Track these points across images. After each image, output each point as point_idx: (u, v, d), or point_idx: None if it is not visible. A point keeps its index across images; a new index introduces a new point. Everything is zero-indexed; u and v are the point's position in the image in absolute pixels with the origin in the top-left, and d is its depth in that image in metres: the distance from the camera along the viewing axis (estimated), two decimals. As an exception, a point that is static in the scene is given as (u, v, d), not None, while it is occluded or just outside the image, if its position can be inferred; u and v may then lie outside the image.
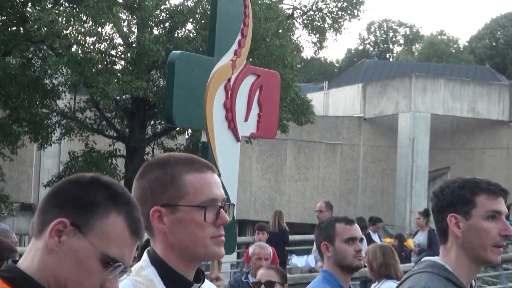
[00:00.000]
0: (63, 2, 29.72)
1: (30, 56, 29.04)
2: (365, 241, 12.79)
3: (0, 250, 6.79)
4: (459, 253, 4.99)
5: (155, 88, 30.64)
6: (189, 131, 31.75)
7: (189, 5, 31.54)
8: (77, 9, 29.06)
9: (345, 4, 32.70)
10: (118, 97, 30.06)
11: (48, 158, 34.98)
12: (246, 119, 16.00)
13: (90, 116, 31.85)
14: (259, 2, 30.37)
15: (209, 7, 30.88)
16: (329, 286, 7.33)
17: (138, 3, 29.03)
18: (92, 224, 2.97)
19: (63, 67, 29.02)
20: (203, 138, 16.12)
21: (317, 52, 36.25)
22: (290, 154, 47.27)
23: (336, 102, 61.14)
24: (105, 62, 30.29)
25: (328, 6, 32.75)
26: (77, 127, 31.62)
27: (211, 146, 16.08)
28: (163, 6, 30.93)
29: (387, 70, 71.62)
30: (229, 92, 15.94)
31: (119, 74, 29.37)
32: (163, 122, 31.78)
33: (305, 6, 32.90)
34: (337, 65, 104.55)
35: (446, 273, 4.95)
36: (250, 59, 28.86)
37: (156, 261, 3.45)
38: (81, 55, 28.90)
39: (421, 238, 21.49)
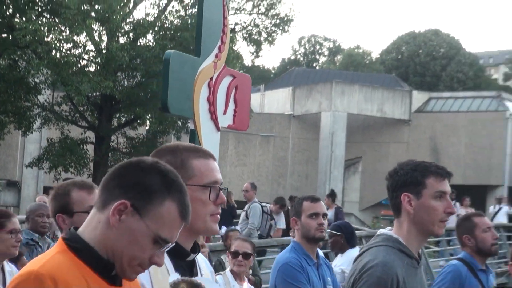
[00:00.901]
0: (45, 14, 29.51)
1: (16, 58, 28.85)
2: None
3: None
4: (410, 227, 4.98)
5: (120, 87, 30.43)
6: (147, 123, 31.76)
7: (149, 20, 31.35)
8: (57, 20, 28.91)
9: (278, 21, 32.58)
10: (89, 94, 29.73)
11: (31, 143, 34.79)
12: (224, 113, 16.26)
13: (66, 109, 31.56)
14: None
15: (165, 21, 31.31)
16: (295, 254, 7.24)
17: (107, 16, 28.88)
18: (149, 209, 3.00)
19: (43, 68, 28.84)
20: (191, 126, 16.32)
21: (254, 60, 36.17)
22: (231, 144, 47.26)
23: (270, 101, 61.34)
24: (79, 65, 30.05)
25: (263, 22, 32.74)
26: (54, 118, 31.28)
27: (198, 133, 16.33)
28: (128, 20, 30.74)
29: (313, 76, 71.33)
30: (212, 89, 16.16)
31: (90, 75, 29.22)
32: (126, 115, 31.75)
33: (244, 22, 32.76)
34: (272, 71, 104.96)
35: (399, 245, 4.96)
36: None
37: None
38: (59, 58, 28.82)
39: (330, 214, 21.75)
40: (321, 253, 8.00)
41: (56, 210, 5.47)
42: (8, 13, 29.04)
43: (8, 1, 29.19)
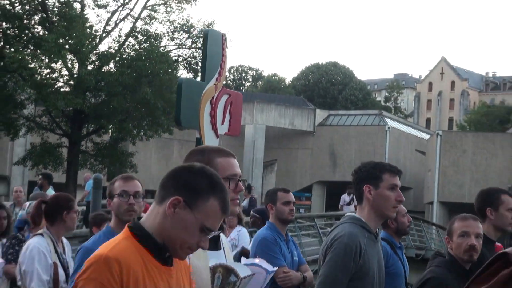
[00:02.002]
0: (29, 46, 29.22)
1: (6, 80, 28.43)
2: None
3: (60, 202, 6.37)
4: (370, 211, 5.08)
5: (88, 103, 30.02)
6: (110, 132, 31.64)
7: (111, 51, 31.18)
8: (38, 51, 28.51)
9: None
10: (64, 109, 29.31)
11: (18, 146, 34.19)
12: (222, 123, 16.56)
13: (45, 120, 31.02)
14: (156, 51, 30.24)
15: (124, 53, 31.06)
16: (271, 232, 7.27)
17: (78, 49, 28.60)
18: (197, 204, 3.06)
19: (27, 88, 28.64)
20: (197, 135, 16.58)
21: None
22: (176, 149, 46.66)
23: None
24: (55, 86, 29.75)
25: (200, 55, 32.40)
26: (36, 127, 30.89)
27: (202, 140, 16.55)
28: (94, 51, 30.56)
29: (245, 96, 71.66)
30: (213, 105, 16.47)
31: (64, 94, 28.93)
32: (93, 125, 31.28)
33: (185, 55, 32.73)
34: None
35: (362, 223, 5.07)
36: (147, 88, 29.09)
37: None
38: (40, 81, 28.57)
39: (245, 202, 21.69)
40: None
41: (107, 195, 5.50)
42: (0, 44, 28.83)
43: (1, 35, 29.04)
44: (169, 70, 30.86)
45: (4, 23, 29.25)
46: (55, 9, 29.91)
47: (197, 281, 3.57)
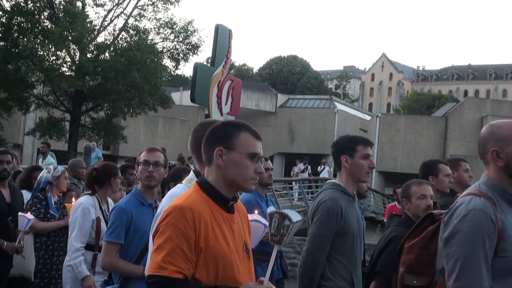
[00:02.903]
0: (39, 37, 29.07)
1: (19, 65, 28.31)
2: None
3: (108, 169, 6.29)
4: (347, 177, 4.95)
5: (87, 85, 30.05)
6: (105, 109, 31.60)
7: (107, 43, 31.19)
8: (46, 41, 28.53)
9: (191, 47, 32.29)
10: (66, 89, 29.40)
11: (29, 120, 33.70)
12: (225, 104, 16.72)
13: (51, 99, 30.91)
14: (144, 43, 30.34)
15: (118, 44, 30.96)
16: (253, 195, 6.96)
17: (79, 40, 28.57)
18: (234, 142, 3.04)
19: (37, 72, 28.55)
20: (206, 112, 16.82)
21: (175, 72, 35.98)
22: (160, 124, 45.98)
23: (187, 98, 61.08)
24: (60, 70, 29.58)
25: (181, 47, 32.44)
26: (43, 104, 30.75)
27: (210, 116, 16.71)
28: (93, 42, 30.49)
29: None
30: (220, 88, 16.64)
31: (67, 77, 28.87)
32: (91, 103, 31.12)
33: (169, 47, 32.49)
34: (189, 78, 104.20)
35: (341, 188, 4.97)
36: (136, 73, 29.05)
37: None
38: (47, 66, 28.38)
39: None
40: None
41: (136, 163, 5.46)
42: (15, 36, 28.58)
43: (15, 28, 28.92)
44: (155, 60, 30.67)
45: (18, 17, 28.98)
46: (61, 6, 29.67)
47: None
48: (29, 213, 6.74)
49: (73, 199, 7.58)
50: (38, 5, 29.40)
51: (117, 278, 4.89)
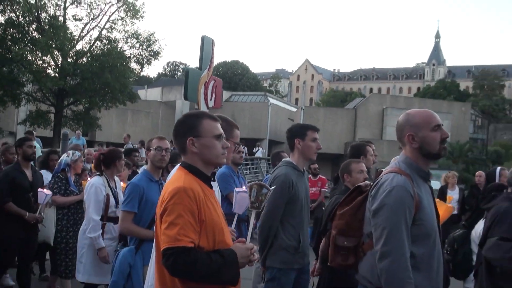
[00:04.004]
0: (28, 45, 28.48)
1: (12, 67, 27.75)
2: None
3: (113, 154, 6.24)
4: (299, 156, 4.87)
5: (68, 85, 29.46)
6: (83, 103, 31.13)
7: (84, 49, 30.65)
8: (34, 48, 28.04)
9: (152, 53, 31.90)
10: (51, 87, 28.91)
11: (21, 112, 32.64)
12: (211, 99, 16.69)
13: (39, 95, 30.21)
14: (115, 51, 30.05)
15: (94, 51, 30.38)
16: (227, 170, 6.77)
17: (61, 48, 28.13)
18: (200, 130, 2.94)
19: (27, 73, 28.12)
20: (196, 107, 16.76)
21: (140, 73, 35.69)
22: (129, 115, 44.23)
23: (150, 93, 60.40)
24: (46, 72, 29.26)
25: (145, 53, 32.01)
26: (32, 99, 30.11)
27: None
28: (73, 50, 30.00)
29: (174, 82, 69.49)
30: (206, 87, 16.61)
31: (52, 78, 28.63)
32: (71, 99, 30.63)
33: (135, 54, 31.90)
34: (153, 78, 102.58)
35: (292, 165, 4.89)
36: (108, 75, 28.76)
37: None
38: (35, 68, 28.04)
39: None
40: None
41: (146, 148, 5.44)
42: (8, 44, 28.08)
43: (8, 38, 28.39)
44: (124, 64, 30.37)
45: (11, 29, 28.47)
46: (46, 20, 29.05)
47: None
48: (46, 189, 6.68)
49: (88, 178, 7.59)
50: (27, 19, 28.80)
51: (132, 241, 4.89)
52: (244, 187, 3.85)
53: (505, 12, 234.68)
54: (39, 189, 6.49)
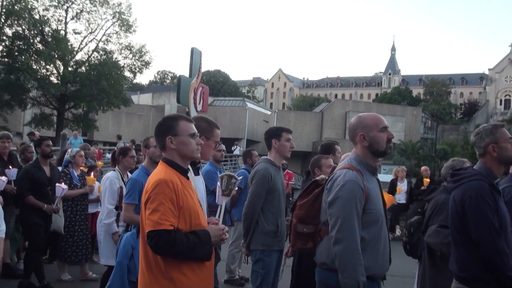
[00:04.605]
0: (33, 56, 28.31)
1: (19, 75, 27.55)
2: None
3: (119, 151, 6.10)
4: (276, 154, 4.85)
5: (69, 91, 29.36)
6: (82, 107, 30.79)
7: (83, 60, 30.46)
8: (38, 59, 27.96)
9: (144, 63, 31.64)
10: (54, 93, 28.57)
11: (27, 115, 32.03)
12: (199, 103, 16.64)
13: (43, 100, 29.92)
14: (111, 61, 30.01)
15: (92, 61, 30.28)
16: (212, 167, 6.67)
17: (63, 57, 28.04)
18: (177, 130, 2.94)
19: (32, 81, 27.91)
20: (187, 110, 16.66)
21: (133, 81, 35.53)
22: (124, 118, 43.44)
23: (142, 99, 60.20)
24: (49, 79, 29.07)
25: (137, 63, 31.73)
26: (37, 103, 29.88)
27: (189, 113, 16.50)
28: (73, 59, 29.83)
29: (163, 89, 69.42)
30: (195, 93, 16.55)
31: (54, 84, 28.45)
32: (72, 103, 30.36)
33: (128, 63, 31.64)
34: (145, 85, 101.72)
35: (271, 161, 4.85)
36: (105, 82, 28.60)
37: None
38: (40, 76, 27.94)
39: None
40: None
41: (143, 146, 5.44)
42: (15, 55, 28.00)
43: (15, 49, 28.28)
44: (118, 72, 30.23)
45: (18, 41, 28.39)
46: (49, 33, 28.93)
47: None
48: (63, 183, 6.73)
49: (92, 174, 7.73)
50: (32, 32, 28.63)
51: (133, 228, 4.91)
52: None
53: (452, 28, 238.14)
54: (57, 184, 6.52)
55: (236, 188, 3.40)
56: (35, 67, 28.33)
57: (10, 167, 6.75)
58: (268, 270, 4.61)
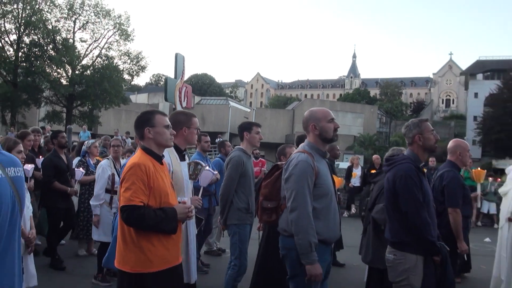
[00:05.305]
0: (47, 61, 28.24)
1: (35, 77, 27.61)
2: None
3: (107, 143, 5.53)
4: (247, 144, 4.70)
5: (76, 91, 29.27)
6: (88, 105, 30.64)
7: (88, 64, 30.34)
8: (51, 63, 28.07)
9: (140, 67, 31.55)
10: (64, 93, 28.59)
11: (41, 112, 32.08)
12: (184, 101, 16.68)
13: (54, 99, 29.81)
14: (112, 65, 29.95)
15: (96, 65, 30.17)
16: (199, 156, 6.39)
17: (71, 62, 28.04)
18: (153, 122, 2.88)
19: (46, 82, 27.89)
20: (173, 106, 16.66)
21: (131, 82, 35.57)
22: (123, 114, 42.40)
23: (139, 98, 59.55)
24: (59, 81, 28.93)
25: (134, 67, 31.66)
26: (50, 102, 29.76)
27: (176, 109, 16.41)
28: (79, 64, 29.75)
29: (158, 89, 67.97)
30: (180, 92, 16.57)
31: (64, 85, 28.48)
32: (79, 101, 30.23)
33: (127, 68, 31.52)
34: (142, 86, 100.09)
35: (243, 150, 4.71)
36: (107, 84, 28.49)
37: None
38: (52, 78, 27.81)
39: None
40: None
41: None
42: (32, 60, 27.95)
43: (32, 55, 28.23)
44: (118, 75, 30.24)
45: (34, 48, 28.37)
46: (60, 41, 28.93)
47: (176, 176, 3.33)
48: (81, 168, 6.65)
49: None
50: (46, 40, 28.64)
51: None
52: (207, 167, 3.71)
53: (404, 38, 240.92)
54: (76, 169, 6.43)
55: (201, 174, 3.38)
56: (48, 70, 28.35)
57: (40, 157, 6.69)
58: (244, 241, 4.57)
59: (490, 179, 12.64)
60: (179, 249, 2.88)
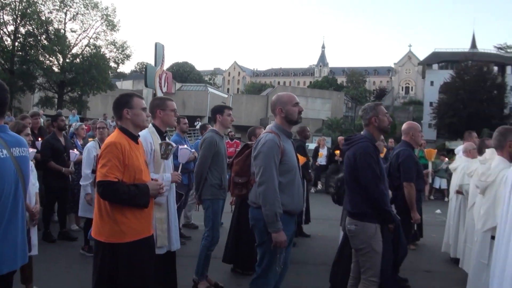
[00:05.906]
0: (40, 49, 28.05)
1: (29, 65, 27.50)
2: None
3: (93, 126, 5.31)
4: (220, 126, 4.58)
5: (67, 78, 29.12)
6: (77, 91, 30.44)
7: (77, 53, 30.19)
8: (43, 52, 28.06)
9: (125, 56, 31.44)
10: (55, 80, 28.47)
11: (36, 98, 31.76)
12: (164, 86, 16.63)
13: (47, 85, 29.62)
14: (99, 53, 29.93)
15: (84, 54, 30.14)
16: (178, 138, 6.20)
17: (62, 51, 28.02)
18: (131, 104, 2.80)
19: (39, 70, 27.85)
20: (154, 92, 16.65)
21: (117, 70, 35.49)
22: (109, 100, 40.73)
23: (124, 85, 58.08)
24: (51, 69, 28.83)
25: (120, 55, 31.51)
26: (43, 88, 29.60)
27: (156, 94, 15.99)
28: (70, 53, 29.67)
29: (141, 76, 66.36)
30: (160, 78, 16.52)
31: (56, 72, 28.43)
32: (69, 88, 30.03)
33: (113, 56, 31.29)
34: (127, 73, 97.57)
35: (216, 131, 4.46)
36: (94, 71, 28.46)
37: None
38: (45, 66, 27.83)
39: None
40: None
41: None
42: (27, 49, 27.98)
43: (27, 45, 28.14)
44: (105, 63, 30.22)
45: (29, 38, 28.24)
46: (52, 32, 28.82)
47: (157, 154, 3.33)
48: (76, 149, 6.41)
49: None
50: (39, 31, 28.52)
51: None
52: (185, 146, 3.78)
53: (368, 30, 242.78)
54: (71, 150, 6.23)
55: (171, 153, 3.34)
56: (41, 59, 28.38)
57: (39, 139, 6.59)
58: (217, 214, 4.50)
59: (443, 158, 12.66)
60: (150, 223, 2.83)
